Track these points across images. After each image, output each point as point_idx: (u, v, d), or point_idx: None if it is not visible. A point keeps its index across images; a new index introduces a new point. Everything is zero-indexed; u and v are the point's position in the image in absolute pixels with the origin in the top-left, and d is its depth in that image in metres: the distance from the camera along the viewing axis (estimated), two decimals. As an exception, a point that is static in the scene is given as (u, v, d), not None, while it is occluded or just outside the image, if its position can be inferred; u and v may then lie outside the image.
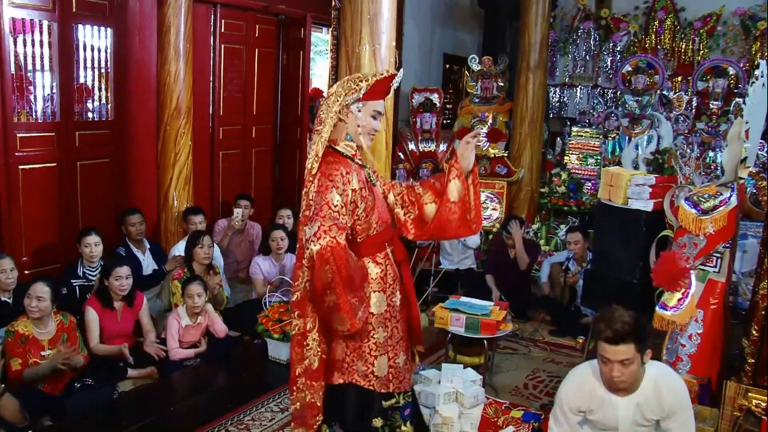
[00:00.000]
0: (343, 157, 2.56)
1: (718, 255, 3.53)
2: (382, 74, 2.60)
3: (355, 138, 2.60)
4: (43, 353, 3.80)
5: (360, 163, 2.63)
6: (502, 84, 7.77)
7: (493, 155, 7.31)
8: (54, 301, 3.87)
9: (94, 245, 4.76)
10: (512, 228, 5.73)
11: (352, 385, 2.60)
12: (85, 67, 5.43)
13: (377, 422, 2.61)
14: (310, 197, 2.47)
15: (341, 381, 2.61)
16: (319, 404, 2.58)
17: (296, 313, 2.60)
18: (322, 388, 2.59)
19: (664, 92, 7.53)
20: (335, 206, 2.37)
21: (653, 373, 2.64)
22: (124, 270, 4.31)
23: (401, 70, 2.71)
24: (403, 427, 2.68)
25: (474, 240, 6.20)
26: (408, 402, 2.71)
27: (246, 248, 6.16)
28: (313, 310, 2.54)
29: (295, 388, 2.64)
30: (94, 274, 4.71)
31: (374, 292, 2.57)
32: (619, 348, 2.47)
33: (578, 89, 8.80)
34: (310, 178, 2.49)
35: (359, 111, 2.56)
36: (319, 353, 2.56)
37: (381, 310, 2.58)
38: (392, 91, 2.68)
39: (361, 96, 2.53)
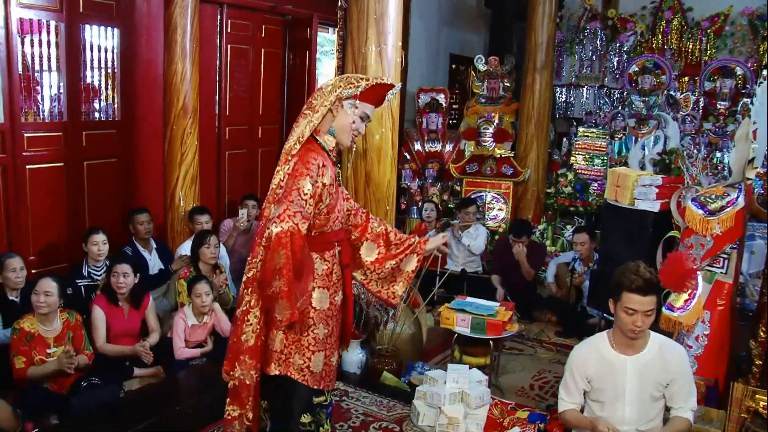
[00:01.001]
0: (321, 149, 2.57)
1: (726, 256, 3.52)
2: (383, 80, 2.63)
3: (339, 134, 2.61)
4: (48, 351, 3.81)
5: (334, 159, 2.64)
6: (508, 84, 7.76)
7: (499, 155, 7.30)
8: (61, 297, 3.89)
9: (101, 244, 4.78)
10: (514, 248, 5.74)
11: (287, 378, 2.59)
12: (92, 67, 5.45)
13: (305, 418, 2.62)
14: (281, 177, 2.51)
15: (277, 372, 2.59)
16: (248, 383, 2.54)
17: (249, 289, 2.58)
18: (255, 369, 2.54)
19: (671, 92, 7.51)
20: (305, 194, 2.40)
21: (657, 338, 2.80)
22: (123, 267, 4.30)
23: (398, 85, 2.74)
24: (326, 425, 2.71)
25: (478, 246, 6.20)
26: (332, 401, 2.76)
27: (251, 248, 6.15)
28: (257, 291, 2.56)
29: (225, 365, 2.63)
30: (99, 273, 4.72)
31: (318, 288, 2.58)
32: (646, 299, 2.62)
33: (585, 89, 8.80)
34: (288, 158, 2.51)
35: (351, 108, 2.57)
36: (258, 332, 2.53)
37: (323, 307, 2.59)
38: (386, 102, 2.70)
39: (358, 93, 2.54)
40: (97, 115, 5.63)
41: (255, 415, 2.60)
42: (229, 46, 6.64)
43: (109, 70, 5.59)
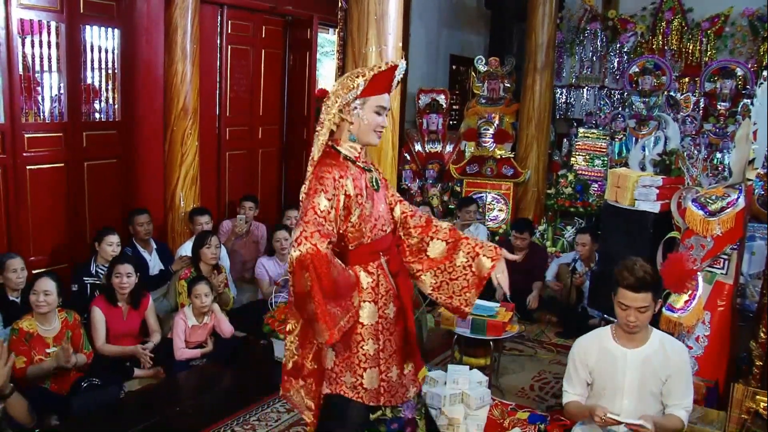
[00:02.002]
0: (344, 159, 2.48)
1: (726, 257, 3.52)
2: (380, 68, 2.46)
3: (361, 137, 2.50)
4: (48, 350, 3.81)
5: (363, 166, 2.53)
6: (508, 85, 7.77)
7: (499, 156, 7.30)
8: (59, 296, 3.89)
9: (116, 245, 4.81)
10: (515, 242, 5.69)
11: (340, 396, 2.53)
12: (93, 68, 5.45)
13: None
14: (301, 198, 2.42)
15: (328, 391, 2.54)
16: (295, 400, 2.57)
17: (288, 313, 2.61)
18: (300, 387, 2.55)
19: (672, 93, 7.51)
20: (321, 211, 2.30)
21: (659, 333, 2.83)
22: (125, 268, 4.31)
23: (403, 61, 2.58)
24: None
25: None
26: (397, 417, 2.63)
27: (251, 249, 6.17)
28: (296, 314, 2.51)
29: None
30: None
31: (365, 302, 2.48)
32: (638, 296, 2.64)
33: (585, 90, 8.80)
34: (305, 181, 2.44)
35: (361, 108, 2.46)
36: (295, 356, 2.53)
37: (372, 321, 2.49)
38: (397, 84, 2.56)
39: (359, 93, 2.42)
40: (97, 115, 5.63)
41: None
42: (229, 46, 6.64)
43: (110, 71, 5.59)
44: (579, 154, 7.68)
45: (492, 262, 2.61)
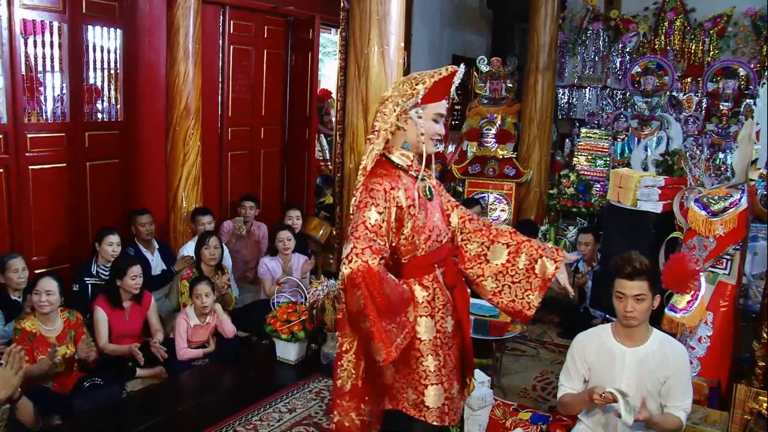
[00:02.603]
0: (396, 168, 2.38)
1: (728, 257, 3.51)
2: (440, 74, 2.35)
3: (415, 146, 2.40)
4: (50, 350, 3.82)
5: (416, 175, 2.42)
6: (510, 85, 7.75)
7: (501, 156, 7.29)
8: (61, 296, 3.91)
9: (116, 245, 4.81)
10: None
11: (401, 413, 2.43)
12: (95, 68, 5.46)
13: None
14: (352, 211, 2.33)
15: (390, 407, 2.45)
16: (347, 425, 2.44)
17: (338, 332, 2.47)
18: (355, 411, 2.43)
19: (674, 93, 7.49)
20: (372, 225, 2.21)
21: (659, 334, 2.83)
22: (138, 269, 4.35)
23: (462, 65, 2.44)
24: None
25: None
26: None
27: (252, 248, 6.18)
28: (353, 332, 2.40)
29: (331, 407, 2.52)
30: (107, 273, 4.72)
31: (421, 316, 2.38)
32: (634, 283, 2.67)
33: (587, 90, 8.77)
34: (355, 192, 2.34)
35: (419, 116, 2.36)
36: (354, 376, 2.41)
37: (430, 337, 2.39)
38: (453, 89, 2.45)
39: (419, 100, 2.33)
40: (99, 115, 5.64)
41: None
42: (231, 47, 6.65)
43: (112, 71, 5.60)
44: (581, 155, 7.67)
45: (555, 264, 2.56)
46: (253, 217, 6.21)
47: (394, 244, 2.36)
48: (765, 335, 3.25)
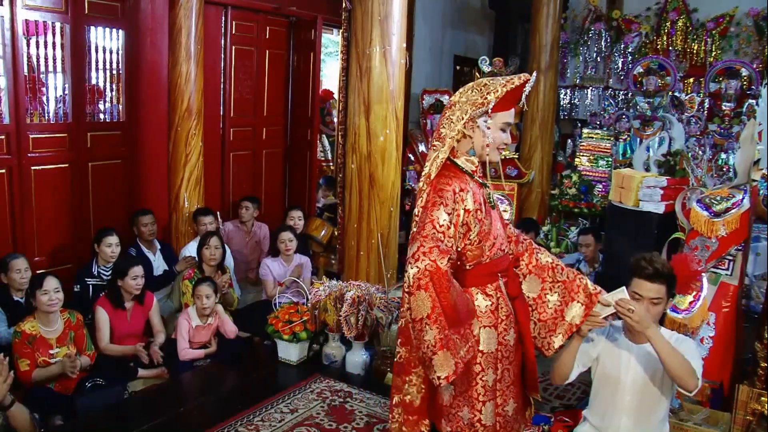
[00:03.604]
0: (462, 172, 2.34)
1: (731, 258, 3.51)
2: (513, 83, 2.28)
3: (481, 154, 2.35)
4: (51, 351, 3.83)
5: (480, 181, 2.39)
6: (512, 85, 7.75)
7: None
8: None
9: (115, 245, 4.81)
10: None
11: None
12: (97, 69, 5.46)
13: None
14: (417, 212, 2.27)
15: (448, 429, 2.32)
16: None
17: (399, 340, 2.38)
18: (422, 425, 2.36)
19: (676, 94, 7.48)
20: (440, 225, 2.15)
21: (669, 332, 2.75)
22: (140, 269, 4.35)
23: (534, 74, 2.42)
24: None
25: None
26: None
27: (253, 249, 6.19)
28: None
29: (392, 416, 2.45)
30: (108, 273, 4.72)
31: (483, 327, 2.27)
32: (654, 286, 2.62)
33: (589, 91, 8.78)
34: (420, 195, 2.28)
35: (487, 126, 2.30)
36: (423, 390, 2.32)
37: (491, 349, 2.28)
38: (522, 99, 2.37)
39: (489, 110, 2.27)
40: (101, 116, 5.65)
41: None
42: (233, 47, 6.65)
43: (114, 72, 5.60)
44: (583, 155, 7.66)
45: (585, 307, 2.42)
46: (253, 218, 6.22)
47: (459, 249, 2.28)
48: (767, 336, 3.24)
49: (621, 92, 8.35)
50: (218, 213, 5.79)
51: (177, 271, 5.14)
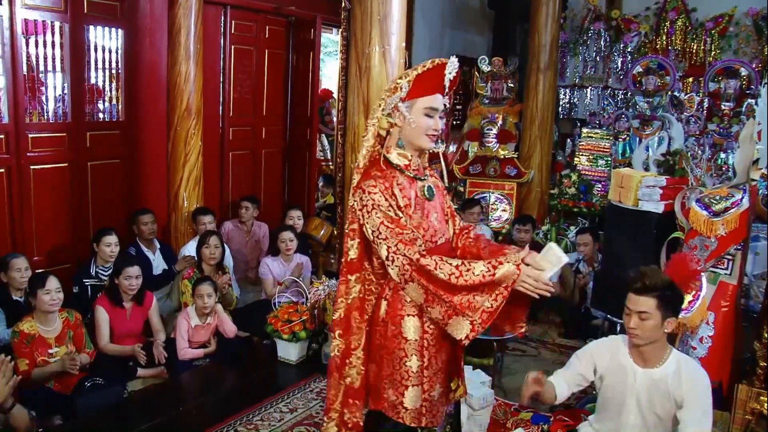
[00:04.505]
0: (392, 168, 2.36)
1: (730, 257, 3.51)
2: (425, 66, 2.31)
3: (410, 142, 2.37)
4: (50, 351, 3.83)
5: (413, 175, 2.39)
6: (512, 85, 7.75)
7: (502, 156, 7.29)
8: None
9: (114, 245, 4.81)
10: (517, 236, 5.68)
11: (381, 414, 2.41)
12: (97, 68, 5.46)
13: None
14: (354, 210, 2.34)
15: (372, 407, 2.44)
16: (361, 424, 2.43)
17: (337, 332, 2.43)
18: (361, 409, 2.44)
19: (675, 93, 7.49)
20: (390, 222, 2.24)
21: (681, 357, 2.69)
22: (135, 270, 4.34)
23: (454, 57, 2.39)
24: None
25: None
26: None
27: (252, 248, 6.19)
28: (358, 328, 2.41)
29: (328, 416, 2.49)
30: (106, 273, 4.73)
31: (408, 316, 2.33)
32: (640, 299, 2.57)
33: (589, 90, 8.77)
34: (353, 192, 2.36)
35: (408, 111, 2.33)
36: (362, 373, 2.42)
37: (416, 337, 2.33)
38: (450, 84, 2.38)
39: (404, 95, 2.31)
40: (101, 115, 5.65)
41: None
42: (232, 47, 6.65)
43: (113, 71, 5.60)
44: (582, 155, 7.66)
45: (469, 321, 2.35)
46: (252, 218, 6.23)
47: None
48: (766, 335, 3.24)
49: (620, 92, 8.35)
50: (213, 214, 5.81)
51: (176, 270, 5.14)
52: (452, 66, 2.35)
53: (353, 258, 2.41)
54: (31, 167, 5.02)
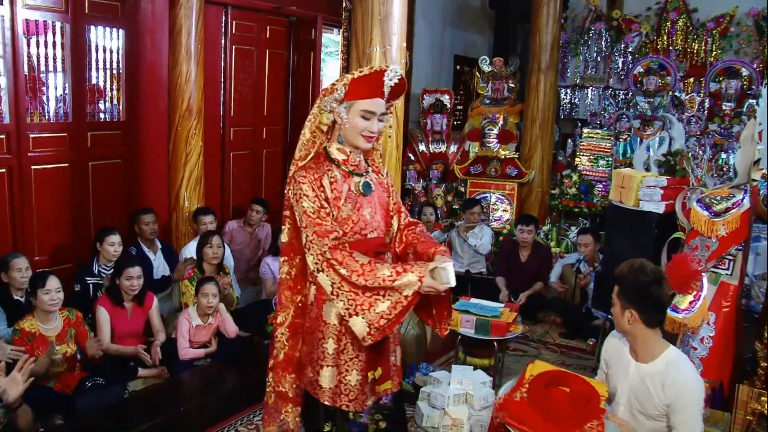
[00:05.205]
0: (329, 161, 2.47)
1: (731, 257, 3.50)
2: (362, 72, 2.41)
3: (348, 140, 2.47)
4: (48, 348, 3.82)
5: (350, 170, 2.49)
6: (512, 85, 7.76)
7: (503, 157, 7.29)
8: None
9: (117, 244, 4.81)
10: (520, 236, 5.69)
11: (305, 389, 2.57)
12: (97, 68, 5.47)
13: (327, 426, 2.50)
14: (288, 198, 2.49)
15: (299, 382, 2.60)
16: (290, 395, 2.60)
17: (276, 306, 2.66)
18: (287, 376, 2.60)
19: (676, 93, 7.48)
20: (312, 213, 2.36)
21: (672, 356, 2.65)
22: (136, 270, 4.34)
23: (394, 66, 2.50)
24: None
25: (485, 245, 6.21)
26: (358, 422, 2.54)
27: (254, 248, 6.19)
28: (286, 306, 2.59)
29: (268, 378, 2.66)
30: (109, 272, 4.73)
31: (326, 301, 2.43)
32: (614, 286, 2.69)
33: (589, 90, 8.78)
34: (288, 181, 2.48)
35: (346, 112, 2.43)
36: (286, 347, 2.59)
37: (334, 322, 2.42)
38: (387, 89, 2.44)
39: (341, 97, 2.41)
40: (102, 115, 5.65)
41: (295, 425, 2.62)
42: (233, 47, 6.65)
43: (114, 71, 5.61)
44: (583, 155, 7.66)
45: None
46: (260, 222, 6.24)
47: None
48: (767, 336, 3.24)
49: (621, 92, 8.35)
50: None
51: (175, 279, 5.10)
52: (393, 73, 2.43)
53: (284, 242, 2.59)
54: (32, 167, 5.03)
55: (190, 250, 5.21)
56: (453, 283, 2.29)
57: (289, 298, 2.62)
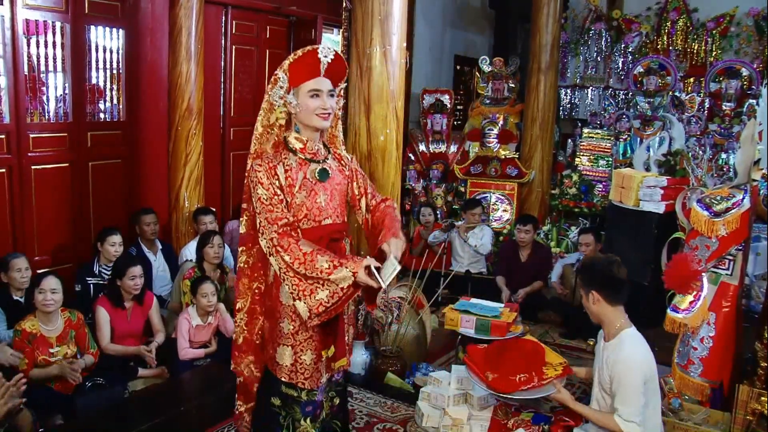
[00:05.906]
0: (287, 150, 2.56)
1: (731, 257, 3.50)
2: (297, 54, 2.50)
3: (306, 125, 2.55)
4: (51, 350, 3.83)
5: (307, 157, 2.56)
6: (513, 85, 7.76)
7: (503, 157, 7.29)
8: (63, 294, 3.92)
9: (118, 245, 4.81)
10: (519, 236, 5.70)
11: (265, 366, 2.70)
12: (97, 68, 5.47)
13: (275, 401, 2.63)
14: (247, 188, 2.60)
15: (263, 360, 2.70)
16: (245, 371, 2.74)
17: (236, 293, 2.75)
18: (245, 359, 2.72)
19: (676, 93, 7.49)
20: (266, 200, 2.46)
21: (626, 334, 2.85)
22: (137, 269, 4.33)
23: (325, 44, 2.57)
24: (303, 422, 2.62)
25: (485, 247, 6.21)
26: (312, 400, 2.63)
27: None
28: (245, 293, 2.68)
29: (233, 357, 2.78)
30: (110, 272, 4.72)
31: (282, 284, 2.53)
32: None
33: (589, 90, 8.78)
34: (247, 173, 2.58)
35: (295, 98, 2.52)
36: (245, 331, 2.71)
37: (290, 303, 2.51)
38: (324, 65, 2.50)
39: (286, 86, 2.51)
40: (102, 115, 5.65)
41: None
42: (233, 47, 6.65)
43: (114, 71, 5.61)
44: (583, 155, 7.66)
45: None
46: None
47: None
48: (767, 336, 3.24)
49: (621, 92, 8.35)
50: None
51: (167, 308, 5.05)
52: (326, 50, 2.51)
53: (242, 232, 2.72)
54: (32, 167, 5.02)
55: (190, 250, 5.21)
56: (384, 286, 2.36)
57: (246, 285, 2.71)
